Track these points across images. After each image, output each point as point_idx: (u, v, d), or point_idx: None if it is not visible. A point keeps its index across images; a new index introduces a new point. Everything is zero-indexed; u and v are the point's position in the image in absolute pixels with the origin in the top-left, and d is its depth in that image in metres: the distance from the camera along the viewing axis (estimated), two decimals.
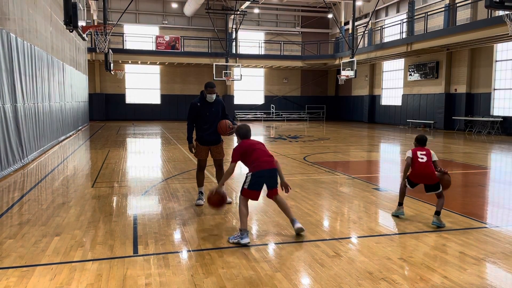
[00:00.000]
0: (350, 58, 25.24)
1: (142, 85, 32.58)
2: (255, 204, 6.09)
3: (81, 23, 13.43)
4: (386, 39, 27.30)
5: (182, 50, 30.70)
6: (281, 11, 34.85)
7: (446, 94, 23.38)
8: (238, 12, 29.91)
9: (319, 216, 5.86)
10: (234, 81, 32.26)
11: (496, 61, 20.93)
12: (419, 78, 25.51)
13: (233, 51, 31.88)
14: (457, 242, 4.72)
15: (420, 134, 5.89)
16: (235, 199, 6.51)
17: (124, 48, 29.75)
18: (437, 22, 22.67)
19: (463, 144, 16.27)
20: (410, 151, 5.64)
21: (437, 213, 5.31)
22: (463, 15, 21.21)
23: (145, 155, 12.86)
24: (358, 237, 4.94)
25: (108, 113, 31.61)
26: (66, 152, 13.05)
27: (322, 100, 35.94)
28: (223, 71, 30.88)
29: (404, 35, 24.80)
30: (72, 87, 18.85)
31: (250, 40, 33.53)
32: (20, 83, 10.11)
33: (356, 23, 28.46)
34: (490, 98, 21.09)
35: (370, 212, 6.09)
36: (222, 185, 5.06)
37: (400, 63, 27.88)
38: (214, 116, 6.25)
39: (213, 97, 6.21)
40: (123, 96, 32.23)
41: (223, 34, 32.08)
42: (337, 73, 28.55)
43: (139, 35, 30.97)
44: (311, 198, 6.85)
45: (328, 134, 20.59)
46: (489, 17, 18.03)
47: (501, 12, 14.03)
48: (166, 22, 32.62)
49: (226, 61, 31.00)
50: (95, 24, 27.51)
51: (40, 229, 5.11)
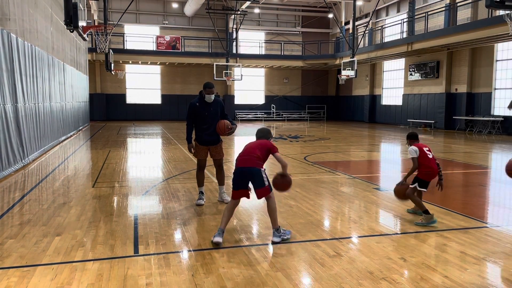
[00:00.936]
0: (351, 58, 25.24)
1: (143, 85, 32.57)
2: (255, 204, 6.09)
3: (82, 23, 13.41)
4: (387, 39, 27.27)
5: (183, 50, 30.67)
6: (282, 11, 34.83)
7: (447, 94, 23.36)
8: (239, 12, 29.88)
9: (320, 216, 5.86)
10: (235, 81, 32.26)
11: (497, 61, 20.91)
12: (420, 78, 25.48)
13: (234, 51, 31.85)
14: (458, 242, 4.72)
15: (412, 131, 5.84)
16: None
17: (125, 48, 29.74)
18: (438, 22, 22.65)
19: (464, 144, 16.26)
20: (416, 148, 5.42)
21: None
22: (464, 15, 21.20)
23: (146, 155, 12.87)
24: (359, 237, 4.94)
25: (109, 113, 31.62)
26: (67, 152, 13.06)
27: (323, 100, 35.92)
28: (224, 71, 30.87)
29: (405, 35, 24.76)
30: (73, 87, 18.86)
31: (251, 40, 33.51)
32: (21, 83, 10.12)
33: (357, 23, 28.44)
34: (491, 98, 21.06)
35: (371, 212, 6.09)
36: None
37: (401, 63, 27.86)
38: (213, 116, 6.25)
39: (212, 97, 6.21)
40: (124, 96, 32.24)
41: (224, 34, 32.07)
42: (338, 73, 28.53)
43: (140, 35, 30.95)
44: (312, 198, 6.85)
45: (329, 134, 20.58)
46: (490, 17, 18.01)
47: (502, 12, 14.03)
48: (167, 22, 32.62)
49: (227, 61, 30.98)
50: (96, 24, 27.52)
51: (41, 229, 5.11)
